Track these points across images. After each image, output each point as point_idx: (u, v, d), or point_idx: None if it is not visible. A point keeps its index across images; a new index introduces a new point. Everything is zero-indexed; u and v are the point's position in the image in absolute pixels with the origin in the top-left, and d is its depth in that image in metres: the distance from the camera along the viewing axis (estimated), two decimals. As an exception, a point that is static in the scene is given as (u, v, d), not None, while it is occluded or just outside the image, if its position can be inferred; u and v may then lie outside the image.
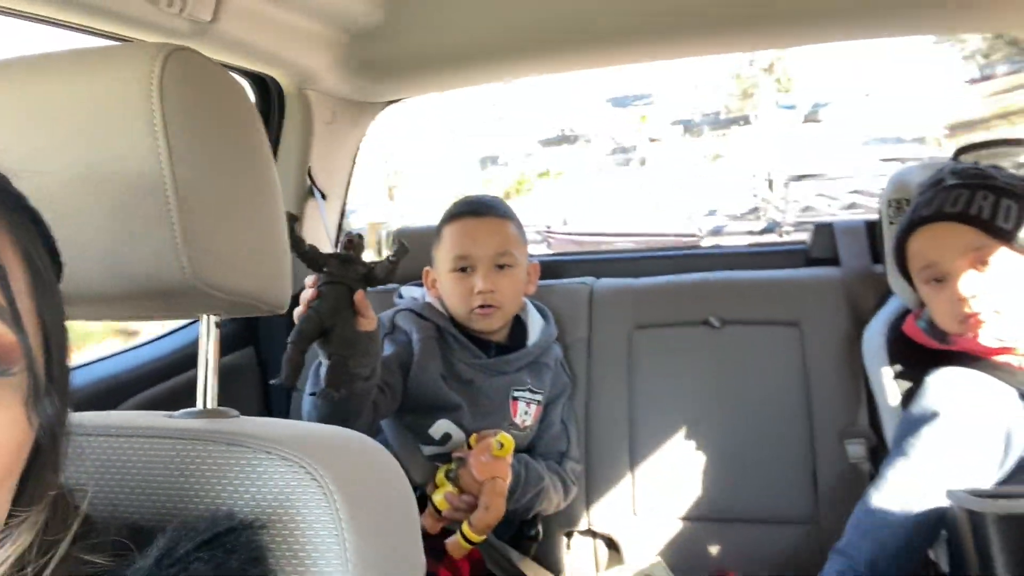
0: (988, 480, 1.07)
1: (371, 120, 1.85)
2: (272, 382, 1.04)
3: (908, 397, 1.24)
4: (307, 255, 1.04)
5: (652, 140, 20.65)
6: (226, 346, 1.63)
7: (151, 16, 1.06)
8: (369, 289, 1.08)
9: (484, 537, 1.20)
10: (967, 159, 1.33)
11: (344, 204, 1.92)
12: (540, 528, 1.47)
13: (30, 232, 0.40)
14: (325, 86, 1.63)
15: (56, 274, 0.42)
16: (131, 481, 0.53)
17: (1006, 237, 1.10)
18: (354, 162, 1.90)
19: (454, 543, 1.20)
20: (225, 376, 0.65)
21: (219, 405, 0.64)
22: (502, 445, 1.21)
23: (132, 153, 0.53)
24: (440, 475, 1.28)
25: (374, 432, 1.33)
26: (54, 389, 0.39)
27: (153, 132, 0.52)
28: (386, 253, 1.10)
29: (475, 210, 1.40)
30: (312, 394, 1.11)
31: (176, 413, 0.62)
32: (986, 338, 1.11)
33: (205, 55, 0.58)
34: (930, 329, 1.21)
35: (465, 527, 1.20)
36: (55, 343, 0.40)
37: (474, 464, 1.21)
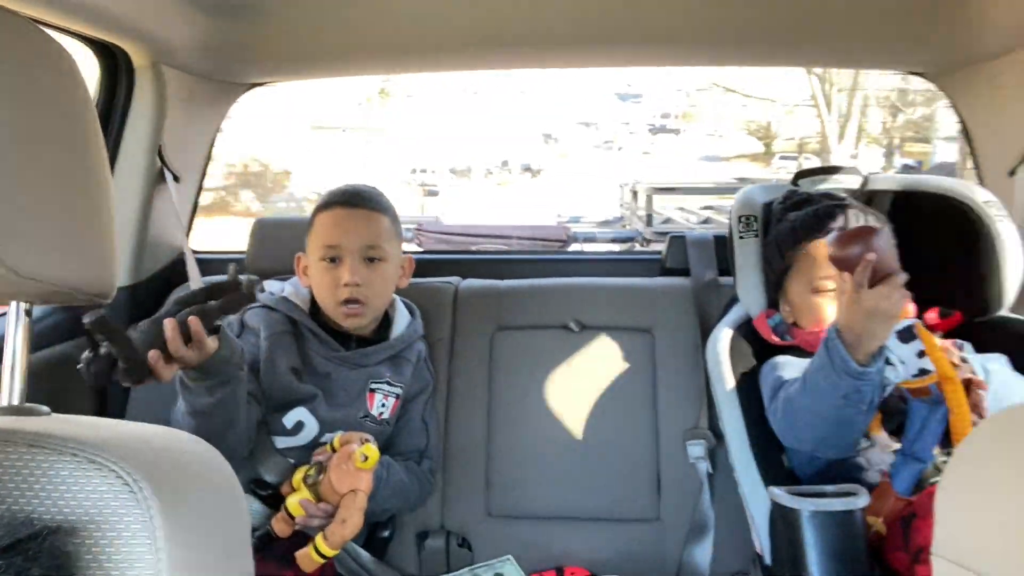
0: None
1: (232, 102, 1.76)
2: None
3: (742, 384, 1.32)
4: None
5: (631, 133, 27.57)
6: (55, 335, 1.49)
7: None
8: None
9: (338, 551, 1.12)
10: (804, 183, 1.44)
11: (199, 188, 1.81)
12: (393, 529, 1.45)
13: None
14: (181, 62, 1.53)
15: None
16: None
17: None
18: (212, 145, 1.80)
19: (305, 556, 1.10)
20: (52, 369, 0.60)
21: (42, 401, 0.59)
22: (366, 457, 1.12)
23: None
24: (298, 478, 1.19)
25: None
26: None
27: None
28: None
29: (348, 200, 1.38)
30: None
31: None
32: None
33: (19, 14, 0.53)
34: (776, 327, 1.31)
35: (319, 541, 1.10)
36: None
37: (334, 473, 1.13)
